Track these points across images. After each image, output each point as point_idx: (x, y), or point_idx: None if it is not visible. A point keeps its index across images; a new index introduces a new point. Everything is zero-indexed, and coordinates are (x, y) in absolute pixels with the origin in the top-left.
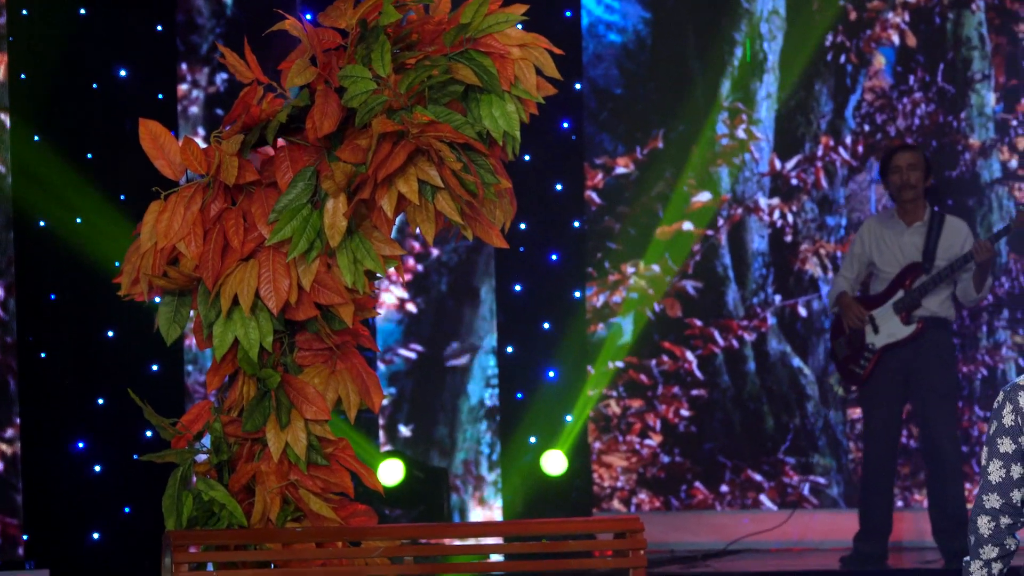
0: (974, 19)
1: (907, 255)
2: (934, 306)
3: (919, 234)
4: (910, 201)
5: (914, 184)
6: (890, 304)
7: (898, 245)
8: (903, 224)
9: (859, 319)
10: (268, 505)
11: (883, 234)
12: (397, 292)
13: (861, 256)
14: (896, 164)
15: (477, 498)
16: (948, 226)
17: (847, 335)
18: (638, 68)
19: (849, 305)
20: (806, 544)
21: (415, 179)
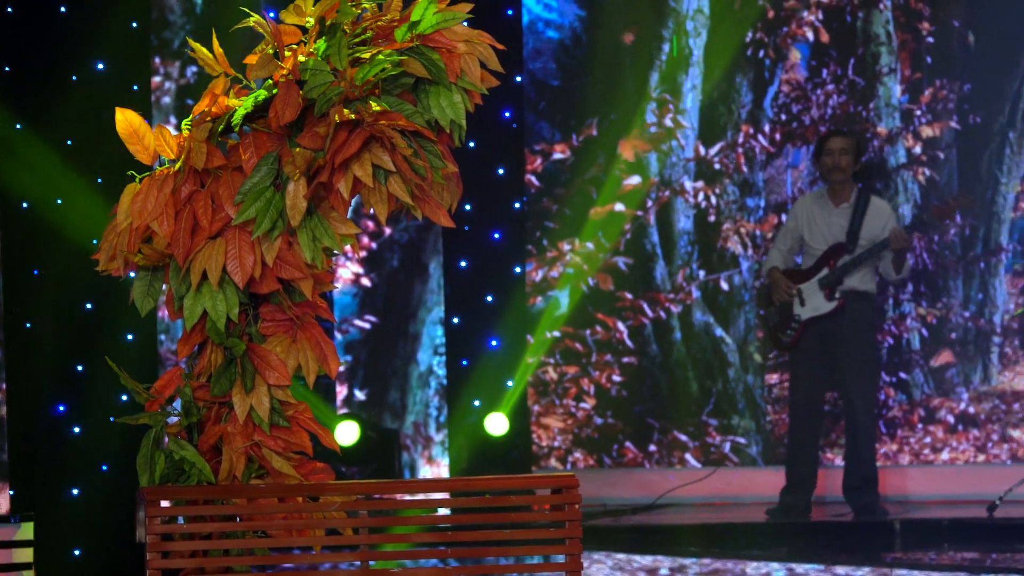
0: (882, 17)
1: (833, 235)
2: (855, 282)
3: (845, 215)
4: (839, 183)
5: (843, 167)
6: (815, 280)
7: (826, 224)
8: (831, 205)
9: (787, 293)
10: (234, 463)
11: (814, 213)
12: (353, 267)
13: (794, 231)
14: (829, 148)
15: (426, 457)
16: (872, 207)
17: (777, 306)
18: (574, 62)
19: (778, 280)
20: (727, 499)
21: (369, 164)
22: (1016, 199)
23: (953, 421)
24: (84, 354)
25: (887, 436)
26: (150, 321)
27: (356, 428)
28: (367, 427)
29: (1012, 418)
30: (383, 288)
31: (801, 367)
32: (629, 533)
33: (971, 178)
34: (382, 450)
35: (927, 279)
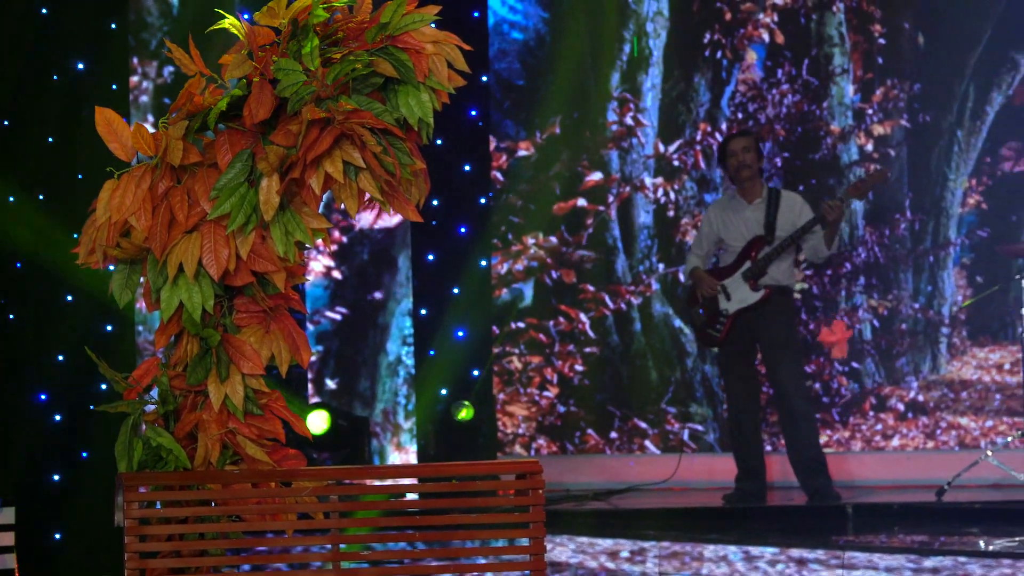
0: (835, 19)
1: (751, 229)
2: (777, 275)
3: (760, 210)
4: (748, 180)
5: (749, 164)
6: (739, 274)
7: (742, 221)
8: (744, 202)
9: (712, 289)
10: (209, 450)
11: (727, 213)
12: (324, 261)
13: (709, 235)
14: (732, 149)
15: (395, 443)
16: (784, 200)
17: (702, 303)
18: (538, 62)
19: (702, 278)
20: (686, 484)
21: (340, 160)
22: (964, 195)
23: (903, 409)
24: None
25: (839, 423)
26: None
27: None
28: (338, 415)
29: (960, 406)
30: (353, 281)
31: (732, 361)
32: (591, 517)
33: (921, 175)
34: (352, 437)
35: (878, 272)
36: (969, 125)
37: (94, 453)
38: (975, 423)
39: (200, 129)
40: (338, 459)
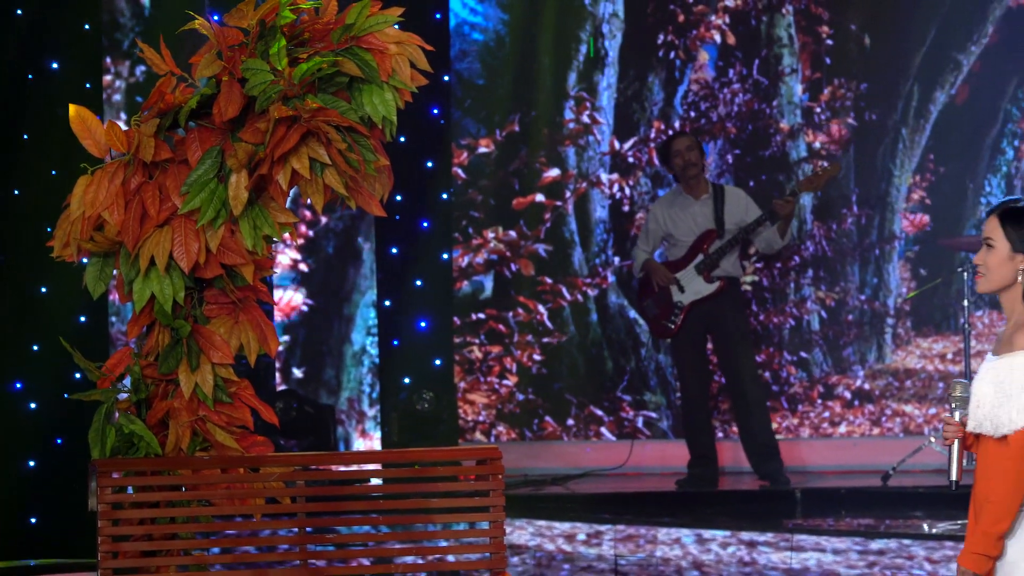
0: (784, 21)
1: (700, 224)
2: (728, 267)
3: (707, 205)
4: (693, 177)
5: (694, 162)
6: (692, 267)
7: (690, 216)
8: (691, 198)
9: (668, 278)
10: (180, 437)
11: (674, 209)
12: (291, 254)
13: (656, 231)
14: (676, 149)
15: (359, 430)
16: (729, 195)
17: (655, 296)
18: (497, 62)
19: (656, 268)
20: (640, 469)
21: (306, 157)
22: (908, 190)
23: (850, 397)
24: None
25: (788, 411)
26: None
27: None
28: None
29: (904, 394)
30: (319, 273)
31: (685, 350)
32: (549, 501)
33: (867, 171)
34: (318, 424)
35: (826, 265)
36: (913, 123)
37: (68, 440)
38: (919, 411)
39: (171, 127)
40: (304, 446)
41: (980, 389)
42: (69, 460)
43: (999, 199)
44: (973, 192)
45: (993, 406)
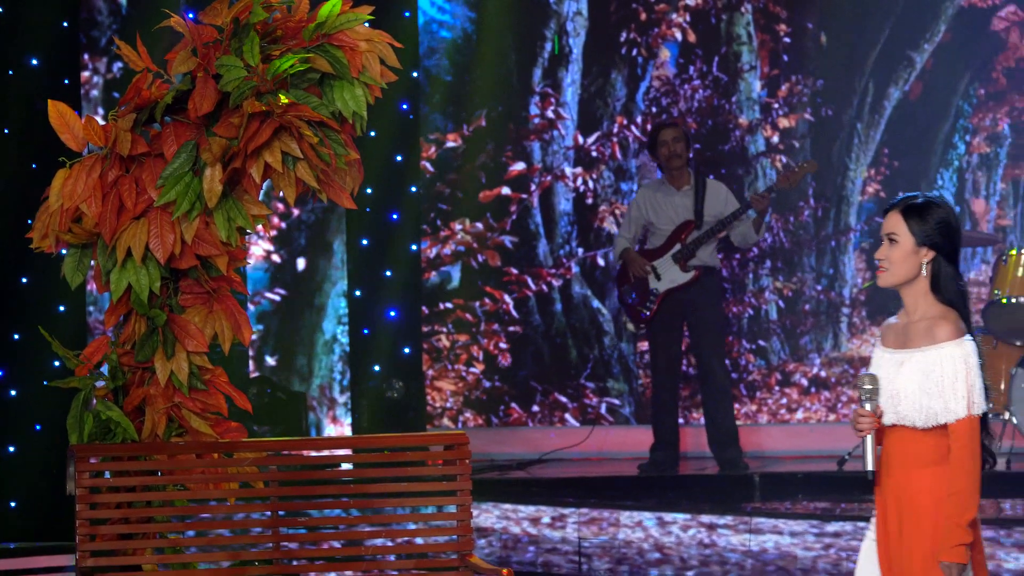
0: (743, 19)
1: (680, 214)
2: (705, 256)
3: (688, 196)
4: (677, 169)
5: (679, 154)
6: (669, 255)
7: (671, 206)
8: (673, 188)
9: (643, 269)
10: (156, 423)
11: (656, 198)
12: (264, 245)
13: (638, 219)
14: (663, 139)
15: (330, 417)
16: (710, 188)
17: (632, 283)
18: (465, 59)
19: (633, 258)
20: (603, 455)
21: (279, 151)
22: (863, 184)
23: (807, 384)
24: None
25: (747, 398)
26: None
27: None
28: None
29: None
30: (291, 264)
31: (660, 336)
32: (514, 486)
33: (823, 165)
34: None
35: (783, 256)
36: (868, 119)
37: (47, 426)
38: None
39: (147, 121)
40: (277, 431)
41: (904, 382)
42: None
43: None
44: (926, 186)
45: (923, 398)
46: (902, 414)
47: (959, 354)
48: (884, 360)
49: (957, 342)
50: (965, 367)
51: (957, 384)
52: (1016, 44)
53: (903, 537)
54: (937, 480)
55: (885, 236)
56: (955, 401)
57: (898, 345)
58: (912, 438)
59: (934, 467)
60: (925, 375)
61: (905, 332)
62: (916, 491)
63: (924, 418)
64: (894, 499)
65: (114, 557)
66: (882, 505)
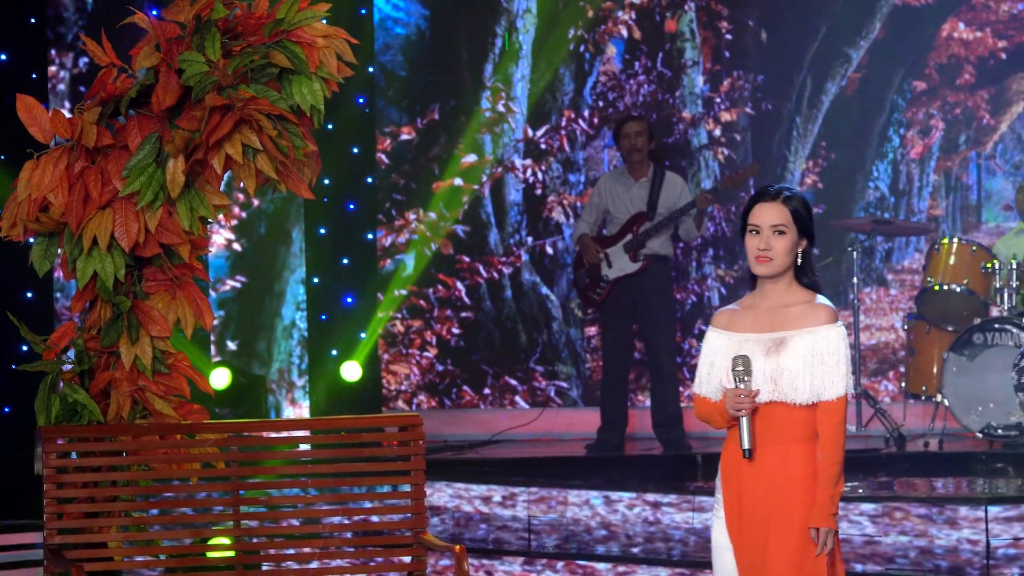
0: (687, 17)
1: (635, 205)
2: (656, 246)
3: (645, 188)
4: (637, 161)
5: (640, 148)
6: (621, 245)
7: (628, 196)
8: (632, 179)
9: (596, 255)
10: (121, 405)
11: (615, 188)
12: (225, 234)
13: (599, 205)
14: (626, 132)
15: (289, 399)
16: (668, 181)
17: (586, 268)
18: (419, 55)
19: (588, 245)
20: (552, 436)
21: (239, 143)
22: (802, 175)
23: None
24: None
25: (691, 381)
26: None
27: (228, 374)
28: (238, 373)
29: None
30: (252, 252)
31: (610, 321)
32: (467, 466)
33: (763, 157)
34: (251, 394)
35: (725, 244)
36: (806, 112)
37: (16, 408)
38: None
39: (112, 114)
40: (238, 414)
41: (787, 362)
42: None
43: (886, 183)
44: (862, 177)
45: (807, 376)
46: (783, 392)
47: (838, 336)
48: (747, 343)
49: (836, 325)
50: (844, 348)
51: (840, 364)
52: (948, 41)
53: (771, 513)
54: (812, 454)
55: (769, 227)
56: (837, 379)
57: (762, 329)
58: (789, 415)
59: (809, 442)
60: (811, 355)
61: (771, 316)
62: (794, 465)
63: (807, 395)
64: (766, 474)
65: (80, 535)
66: (737, 485)
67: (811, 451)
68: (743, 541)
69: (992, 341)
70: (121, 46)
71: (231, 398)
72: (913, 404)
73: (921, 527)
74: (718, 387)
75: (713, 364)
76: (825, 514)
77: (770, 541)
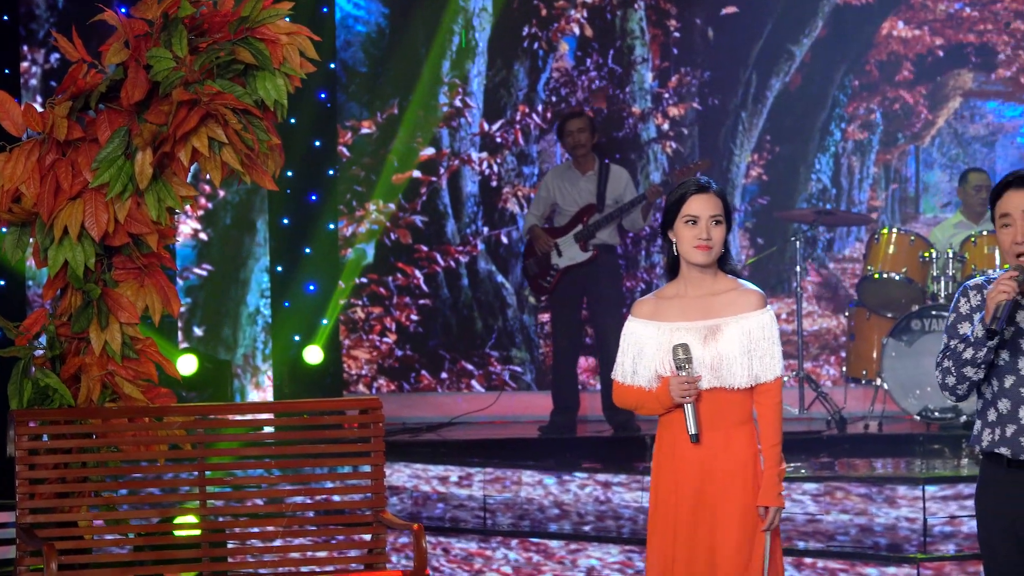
0: (637, 15)
1: (583, 197)
2: (605, 236)
3: (592, 181)
4: (582, 156)
5: (584, 143)
6: (571, 235)
7: (576, 190)
8: (579, 173)
9: (547, 245)
10: (91, 389)
11: (562, 182)
12: (192, 224)
13: (546, 199)
14: (569, 129)
15: (254, 383)
16: (613, 174)
17: (537, 257)
18: (379, 52)
19: (539, 235)
20: (507, 418)
21: (206, 136)
22: (747, 168)
23: None
24: None
25: None
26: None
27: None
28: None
29: None
30: (217, 242)
31: (560, 309)
32: (425, 447)
33: (710, 151)
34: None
35: None
36: (751, 108)
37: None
38: None
39: (83, 109)
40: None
41: (726, 347)
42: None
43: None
44: (805, 170)
45: (747, 360)
46: (723, 377)
47: (771, 320)
48: (680, 332)
49: (767, 309)
50: (776, 331)
51: (774, 346)
52: (887, 39)
53: (714, 496)
54: (751, 436)
55: (708, 217)
56: (773, 361)
57: (693, 317)
58: (730, 399)
59: (747, 424)
60: (748, 339)
61: (702, 304)
62: (736, 447)
63: (747, 379)
64: (708, 458)
65: (52, 514)
66: (674, 471)
67: (750, 433)
68: (681, 526)
69: (929, 327)
70: (91, 43)
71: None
72: (854, 388)
73: (861, 506)
74: (653, 376)
75: (641, 353)
76: (774, 493)
77: (716, 523)
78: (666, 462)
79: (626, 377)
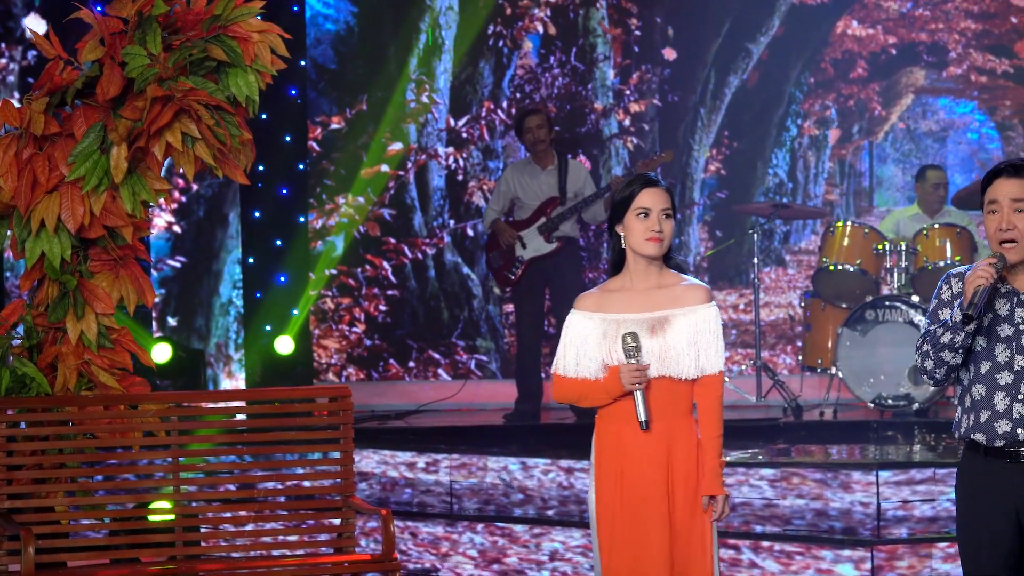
0: (598, 14)
1: (545, 191)
2: (567, 229)
3: (553, 175)
4: (542, 151)
5: (543, 139)
6: (535, 227)
7: (537, 184)
8: (539, 168)
9: (511, 238)
10: (68, 378)
11: (523, 177)
12: (166, 217)
13: (506, 194)
14: (528, 126)
15: (226, 372)
16: (572, 168)
17: (501, 250)
18: (348, 49)
19: (503, 228)
20: (472, 406)
21: (179, 132)
22: (706, 162)
23: None
24: None
25: None
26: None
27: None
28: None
29: None
30: (191, 234)
31: (524, 299)
32: (393, 434)
33: (670, 145)
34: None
35: None
36: (710, 104)
37: None
38: None
39: (59, 104)
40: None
41: (674, 339)
42: None
43: (784, 170)
44: (762, 164)
45: (693, 352)
46: (671, 367)
47: (716, 314)
48: (627, 323)
49: (712, 304)
50: (719, 326)
51: (719, 341)
52: (842, 37)
53: (659, 485)
54: (693, 427)
55: (660, 211)
56: (717, 355)
57: (639, 309)
58: (676, 389)
59: (690, 415)
60: (694, 332)
61: (647, 296)
62: (683, 436)
63: (693, 370)
64: (653, 448)
65: (29, 499)
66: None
67: (692, 424)
68: (627, 515)
69: (883, 317)
70: (67, 40)
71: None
72: (809, 376)
73: (817, 491)
74: (599, 366)
75: (585, 345)
76: (718, 482)
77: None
78: (610, 452)
79: (568, 370)
